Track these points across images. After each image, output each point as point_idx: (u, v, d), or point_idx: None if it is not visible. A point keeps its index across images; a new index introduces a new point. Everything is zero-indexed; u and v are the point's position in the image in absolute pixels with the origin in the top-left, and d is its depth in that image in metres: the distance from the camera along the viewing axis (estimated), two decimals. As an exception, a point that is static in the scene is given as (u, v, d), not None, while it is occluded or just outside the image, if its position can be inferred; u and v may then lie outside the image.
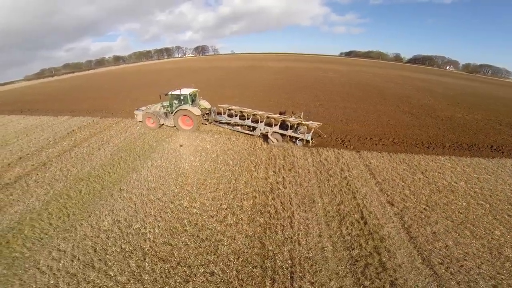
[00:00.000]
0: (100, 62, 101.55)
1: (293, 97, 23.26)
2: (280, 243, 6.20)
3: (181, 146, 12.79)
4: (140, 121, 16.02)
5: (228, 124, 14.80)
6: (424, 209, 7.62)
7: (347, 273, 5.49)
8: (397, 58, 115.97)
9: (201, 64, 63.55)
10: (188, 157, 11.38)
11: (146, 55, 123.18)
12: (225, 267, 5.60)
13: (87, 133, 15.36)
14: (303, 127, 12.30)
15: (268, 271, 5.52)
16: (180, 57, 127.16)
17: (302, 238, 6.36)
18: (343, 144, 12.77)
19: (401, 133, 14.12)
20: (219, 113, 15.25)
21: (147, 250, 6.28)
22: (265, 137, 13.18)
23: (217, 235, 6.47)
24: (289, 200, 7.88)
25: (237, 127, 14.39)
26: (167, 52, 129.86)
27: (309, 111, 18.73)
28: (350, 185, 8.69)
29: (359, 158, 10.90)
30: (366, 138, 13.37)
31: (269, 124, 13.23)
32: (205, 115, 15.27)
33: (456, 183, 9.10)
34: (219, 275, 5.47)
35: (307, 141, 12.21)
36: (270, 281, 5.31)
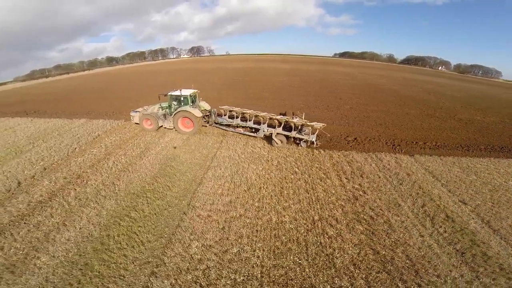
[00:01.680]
0: (93, 63, 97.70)
1: (320, 100, 22.76)
2: (391, 247, 6.25)
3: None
4: (136, 123, 15.21)
5: (229, 126, 14.25)
6: (492, 206, 8.04)
7: (460, 263, 5.89)
8: (391, 58, 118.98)
9: (204, 66, 62.05)
10: (248, 165, 10.25)
11: (140, 56, 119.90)
12: (350, 279, 5.43)
13: (117, 139, 13.80)
14: (308, 128, 11.97)
15: (393, 273, 5.58)
16: (175, 58, 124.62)
17: (408, 239, 6.50)
18: (394, 149, 12.63)
19: (439, 137, 14.40)
20: (219, 115, 14.70)
21: (261, 277, 5.49)
22: (268, 138, 12.82)
23: (325, 248, 6.14)
24: (377, 206, 7.83)
25: (239, 129, 13.85)
26: (161, 53, 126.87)
27: (345, 115, 18.19)
28: (422, 188, 8.83)
29: (416, 162, 11.02)
30: (413, 142, 13.42)
31: (271, 126, 12.84)
32: (205, 116, 14.74)
33: (506, 182, 9.55)
34: (348, 287, 5.29)
35: (312, 143, 11.88)
36: (400, 281, 5.39)
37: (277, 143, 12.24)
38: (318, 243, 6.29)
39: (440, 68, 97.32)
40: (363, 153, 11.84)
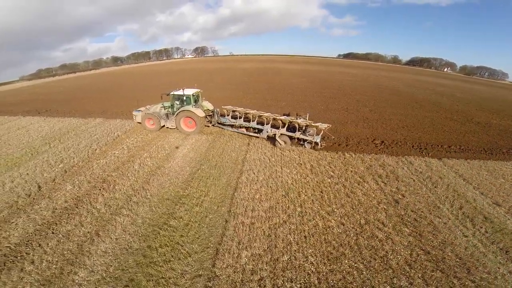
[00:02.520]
0: (98, 63, 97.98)
1: (337, 102, 22.49)
2: (439, 248, 6.39)
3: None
4: (138, 123, 15.05)
5: (232, 126, 14.14)
6: (525, 207, 8.10)
7: (506, 260, 6.11)
8: (395, 60, 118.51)
9: (211, 66, 61.91)
10: (281, 169, 9.88)
11: (145, 56, 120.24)
12: (408, 278, 5.55)
13: (138, 140, 13.43)
14: (312, 129, 11.88)
15: (447, 272, 5.72)
16: (180, 58, 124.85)
17: (453, 240, 6.65)
18: (421, 152, 12.46)
19: (462, 140, 14.32)
20: (222, 115, 14.61)
21: (318, 283, 5.34)
22: (272, 139, 12.69)
23: (378, 251, 6.17)
24: (418, 209, 7.87)
25: (242, 129, 13.75)
26: (166, 53, 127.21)
27: (366, 117, 17.88)
28: (456, 191, 8.92)
29: (445, 166, 10.99)
30: (438, 146, 13.30)
31: (275, 126, 12.67)
32: (208, 116, 14.66)
33: (533, 184, 9.65)
34: (408, 286, 5.39)
35: (316, 144, 11.74)
36: (455, 279, 5.53)
37: (280, 144, 12.06)
38: (370, 247, 6.29)
39: (445, 69, 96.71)
40: (393, 156, 11.64)
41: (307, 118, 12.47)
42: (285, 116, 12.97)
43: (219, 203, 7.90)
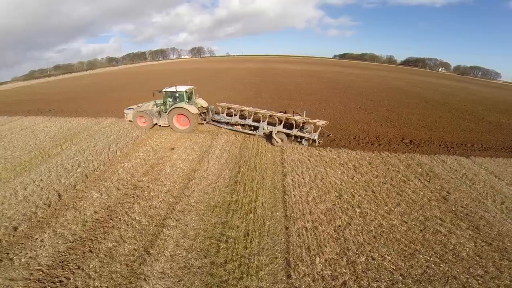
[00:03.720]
0: (93, 64, 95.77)
1: (353, 102, 22.54)
2: (498, 239, 6.62)
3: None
4: (130, 121, 14.76)
5: (227, 123, 13.92)
6: None
7: None
8: (391, 60, 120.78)
9: (213, 65, 61.46)
10: (325, 169, 9.73)
11: (140, 56, 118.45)
12: (482, 267, 5.76)
13: (162, 140, 12.88)
14: (310, 126, 11.84)
15: None
16: (176, 58, 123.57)
17: (507, 232, 6.89)
18: (449, 151, 12.69)
19: (481, 139, 14.62)
20: (216, 113, 14.41)
21: (403, 279, 5.44)
22: (268, 137, 12.57)
23: (447, 245, 6.40)
24: (466, 204, 8.07)
25: (237, 127, 13.59)
26: (162, 53, 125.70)
27: (386, 117, 18.06)
28: (493, 187, 9.20)
29: (474, 164, 11.22)
30: (462, 145, 13.58)
31: (271, 124, 12.56)
32: (202, 114, 14.41)
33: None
34: (484, 274, 5.59)
35: (313, 141, 11.73)
36: None
37: (277, 142, 11.94)
38: (438, 241, 6.46)
39: (440, 69, 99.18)
40: (425, 155, 11.79)
41: (304, 115, 12.32)
42: (282, 113, 12.79)
43: (272, 208, 7.56)
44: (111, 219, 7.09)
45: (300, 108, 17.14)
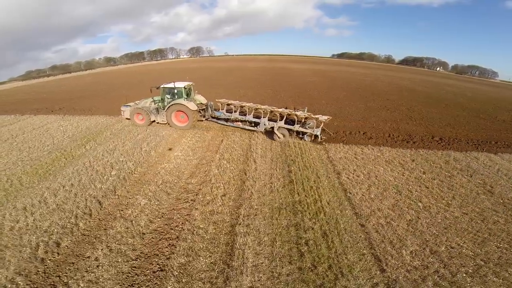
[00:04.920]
0: (90, 64, 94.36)
1: (372, 101, 22.97)
2: None
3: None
4: (127, 118, 14.64)
5: (227, 120, 13.94)
6: None
7: None
8: (389, 59, 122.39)
9: (216, 64, 61.34)
10: (374, 167, 10.11)
11: (139, 56, 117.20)
12: None
13: (197, 139, 12.76)
14: (312, 122, 11.90)
15: None
16: (175, 58, 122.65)
17: None
18: (477, 148, 13.25)
19: (501, 137, 15.06)
20: (216, 109, 14.47)
21: (485, 263, 5.87)
22: (268, 133, 12.67)
23: (508, 233, 6.74)
24: (511, 197, 8.42)
25: (238, 123, 13.62)
26: (160, 53, 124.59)
27: (409, 116, 18.63)
28: None
29: (503, 160, 11.60)
30: (486, 142, 14.12)
31: (272, 120, 12.64)
32: (201, 110, 14.34)
33: None
34: None
35: (316, 137, 11.79)
36: None
37: (279, 137, 12.02)
38: (501, 230, 6.82)
39: (438, 69, 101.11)
40: (458, 152, 12.26)
41: (305, 111, 12.41)
42: (283, 109, 12.81)
43: (338, 207, 7.68)
44: (172, 229, 6.45)
45: (323, 108, 17.51)
